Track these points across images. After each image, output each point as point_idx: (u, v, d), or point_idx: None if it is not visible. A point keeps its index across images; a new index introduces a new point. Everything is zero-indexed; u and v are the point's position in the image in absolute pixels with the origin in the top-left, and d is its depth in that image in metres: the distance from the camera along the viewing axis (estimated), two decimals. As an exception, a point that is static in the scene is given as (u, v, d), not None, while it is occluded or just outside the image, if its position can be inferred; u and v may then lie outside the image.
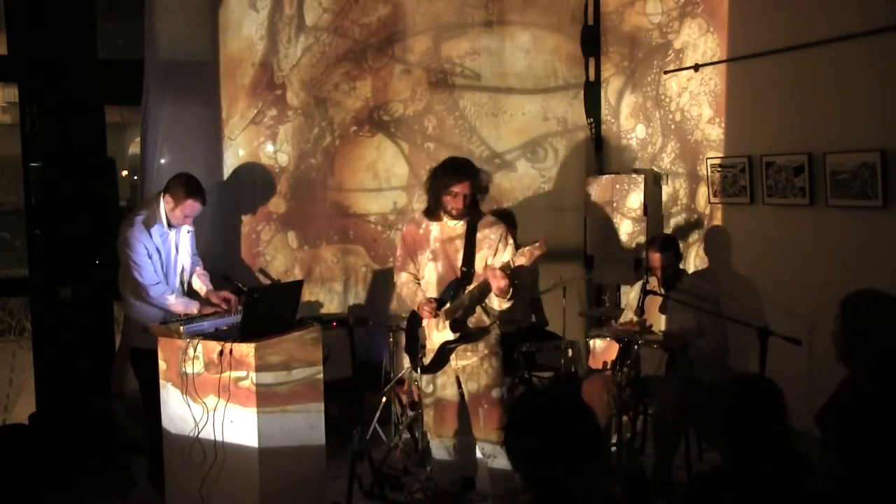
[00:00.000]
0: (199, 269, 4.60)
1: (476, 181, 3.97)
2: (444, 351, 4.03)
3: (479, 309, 4.02)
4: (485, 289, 3.90)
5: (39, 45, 4.80)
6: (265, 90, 5.34)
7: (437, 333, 4.02)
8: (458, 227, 4.01)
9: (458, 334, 3.97)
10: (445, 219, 4.02)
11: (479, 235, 3.99)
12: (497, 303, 3.94)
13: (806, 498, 2.31)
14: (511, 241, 4.02)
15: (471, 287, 3.95)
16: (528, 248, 3.82)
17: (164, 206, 4.31)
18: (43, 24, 4.79)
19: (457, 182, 3.91)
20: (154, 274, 4.27)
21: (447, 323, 3.97)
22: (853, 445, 2.71)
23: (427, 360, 4.08)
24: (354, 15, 5.51)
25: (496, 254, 3.96)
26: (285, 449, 3.87)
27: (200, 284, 4.53)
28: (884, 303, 2.89)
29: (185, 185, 4.30)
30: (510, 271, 3.79)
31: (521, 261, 3.82)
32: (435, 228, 4.06)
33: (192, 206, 4.32)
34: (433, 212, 4.05)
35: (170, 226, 4.35)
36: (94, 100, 4.97)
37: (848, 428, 2.76)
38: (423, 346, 4.10)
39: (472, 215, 4.00)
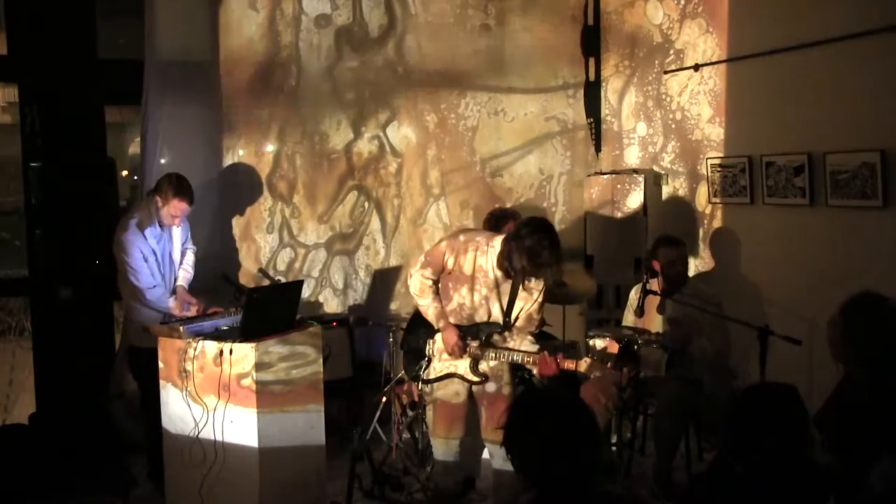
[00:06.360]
0: (185, 264, 4.57)
1: None
2: (449, 376, 4.00)
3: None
4: (526, 359, 3.86)
5: (39, 45, 4.80)
6: (265, 90, 5.34)
7: (452, 361, 3.97)
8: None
9: (480, 378, 3.94)
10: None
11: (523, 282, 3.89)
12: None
13: None
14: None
15: (515, 348, 3.89)
16: (606, 363, 3.78)
17: (156, 206, 4.32)
18: (43, 24, 4.79)
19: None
20: (150, 277, 4.27)
21: (468, 360, 3.93)
22: (853, 445, 2.71)
23: (428, 376, 4.04)
24: (354, 14, 5.51)
25: (534, 300, 3.89)
26: (285, 449, 3.88)
27: (180, 279, 4.53)
28: (882, 306, 2.89)
29: (172, 185, 4.31)
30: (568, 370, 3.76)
31: (599, 374, 3.81)
32: (483, 260, 3.84)
33: (178, 206, 4.32)
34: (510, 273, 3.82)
35: (161, 226, 4.37)
36: (94, 100, 4.97)
37: (847, 428, 2.76)
38: (429, 361, 4.05)
39: None
